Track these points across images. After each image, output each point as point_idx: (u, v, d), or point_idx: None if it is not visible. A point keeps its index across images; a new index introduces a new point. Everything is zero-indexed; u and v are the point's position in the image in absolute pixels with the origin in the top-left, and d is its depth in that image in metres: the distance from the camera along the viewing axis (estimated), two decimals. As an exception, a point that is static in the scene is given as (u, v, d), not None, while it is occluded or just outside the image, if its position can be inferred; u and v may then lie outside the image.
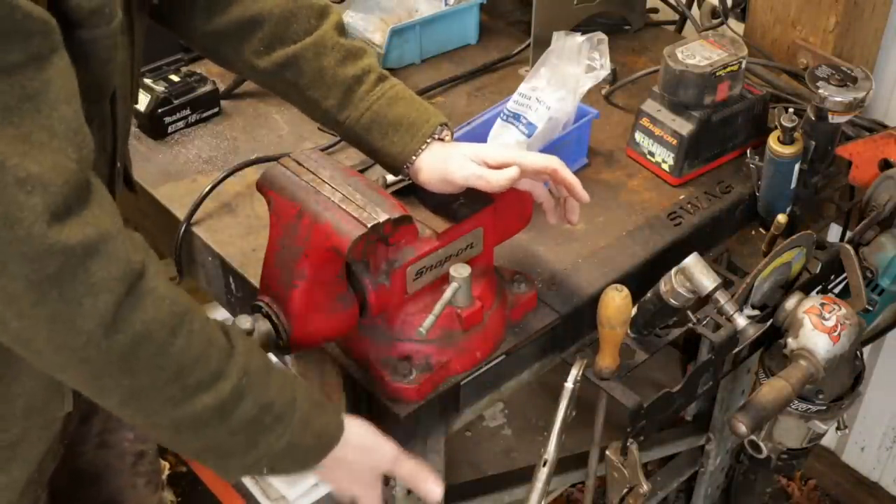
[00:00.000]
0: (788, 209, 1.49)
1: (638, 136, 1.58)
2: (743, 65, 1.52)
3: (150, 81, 1.62)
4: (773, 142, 1.44)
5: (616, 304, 1.18)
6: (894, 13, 1.76)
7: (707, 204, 1.52)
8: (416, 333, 1.14)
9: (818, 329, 1.30)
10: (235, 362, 0.94)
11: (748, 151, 1.54)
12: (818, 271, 1.41)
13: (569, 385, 1.24)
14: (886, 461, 2.31)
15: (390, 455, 1.10)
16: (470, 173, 1.15)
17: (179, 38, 1.27)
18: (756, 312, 1.36)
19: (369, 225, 1.05)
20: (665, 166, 1.55)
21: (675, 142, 1.51)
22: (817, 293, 1.44)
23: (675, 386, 1.29)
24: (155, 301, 0.87)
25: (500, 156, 1.17)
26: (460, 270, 1.14)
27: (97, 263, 0.83)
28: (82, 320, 0.83)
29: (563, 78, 1.48)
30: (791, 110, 1.45)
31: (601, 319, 1.20)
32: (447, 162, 1.17)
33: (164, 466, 2.26)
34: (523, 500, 1.27)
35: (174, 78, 1.64)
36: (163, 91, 1.60)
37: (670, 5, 2.05)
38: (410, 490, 1.25)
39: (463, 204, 1.20)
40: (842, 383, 1.42)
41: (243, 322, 1.08)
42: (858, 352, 1.46)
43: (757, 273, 1.32)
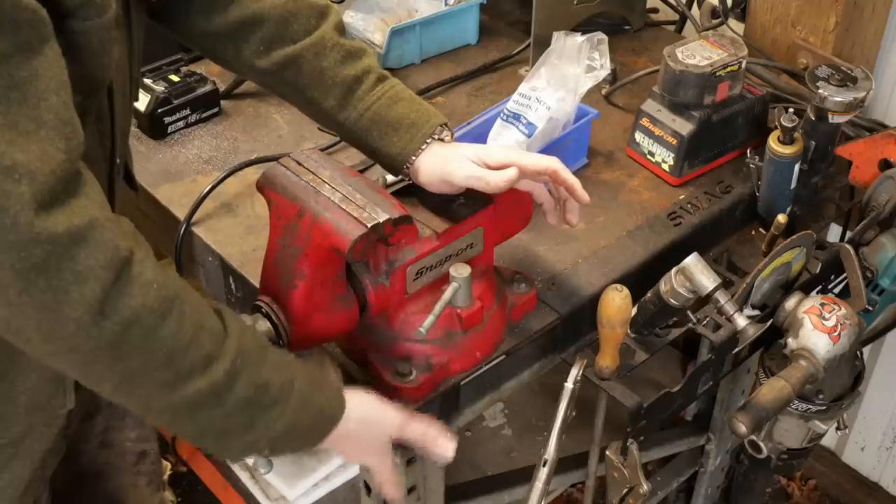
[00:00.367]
0: (788, 209, 1.49)
1: (638, 136, 1.58)
2: (743, 65, 1.52)
3: (150, 81, 1.62)
4: (773, 142, 1.44)
5: (616, 304, 1.18)
6: (894, 13, 1.76)
7: (707, 204, 1.52)
8: (416, 333, 1.14)
9: (818, 329, 1.29)
10: (229, 345, 0.94)
11: (748, 151, 1.54)
12: (818, 271, 1.41)
13: (569, 385, 1.24)
14: (886, 461, 2.31)
15: (397, 423, 1.10)
16: (469, 174, 1.15)
17: (178, 39, 1.26)
18: (756, 312, 1.36)
19: (369, 225, 1.05)
20: (665, 166, 1.55)
21: (675, 142, 1.51)
22: (817, 293, 1.43)
23: (675, 386, 1.29)
24: (143, 286, 0.87)
25: (500, 157, 1.17)
26: (460, 270, 1.14)
27: (84, 251, 0.83)
28: (70, 308, 0.83)
29: (563, 78, 1.48)
30: (791, 110, 1.45)
31: (601, 319, 1.20)
32: (447, 162, 1.17)
33: (166, 467, 2.26)
34: (523, 500, 1.27)
35: (174, 78, 1.64)
36: (163, 91, 1.61)
37: (670, 5, 2.05)
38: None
39: (463, 204, 1.20)
40: (842, 383, 1.42)
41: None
42: (858, 352, 1.46)
43: (757, 273, 1.32)
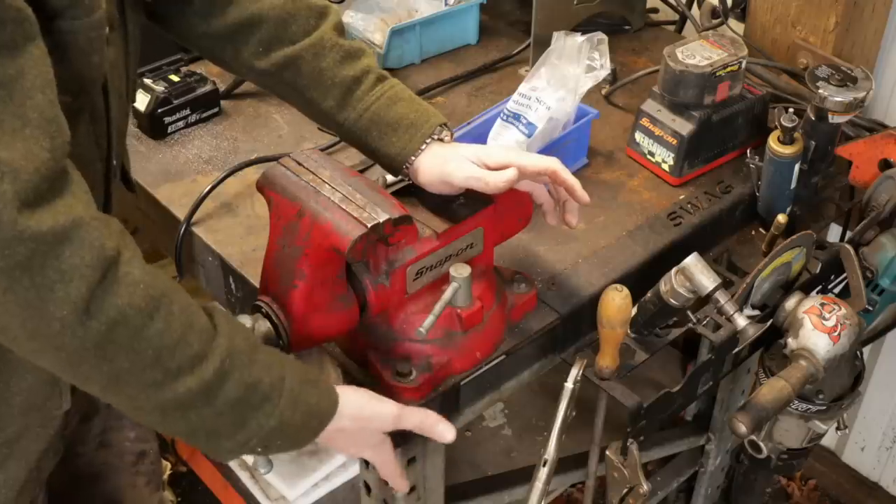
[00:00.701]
0: (788, 209, 1.49)
1: (638, 136, 1.58)
2: (743, 65, 1.52)
3: (150, 81, 1.62)
4: (773, 142, 1.44)
5: (616, 304, 1.18)
6: (894, 13, 1.76)
7: (707, 204, 1.52)
8: (416, 333, 1.14)
9: (818, 329, 1.29)
10: (218, 344, 0.94)
11: (748, 151, 1.54)
12: (818, 271, 1.41)
13: (569, 385, 1.24)
14: (886, 461, 2.31)
15: (391, 417, 1.10)
16: (469, 175, 1.15)
17: (177, 40, 1.26)
18: (756, 312, 1.36)
19: (369, 225, 1.04)
20: (665, 166, 1.55)
21: (675, 142, 1.51)
22: (817, 293, 1.43)
23: (675, 386, 1.29)
24: (130, 286, 0.87)
25: (500, 157, 1.17)
26: (460, 270, 1.13)
27: (69, 250, 0.83)
28: (55, 307, 0.83)
29: (563, 78, 1.48)
30: (791, 110, 1.45)
31: (601, 319, 1.20)
32: (446, 163, 1.17)
33: (165, 467, 2.26)
34: (523, 500, 1.27)
35: (174, 78, 1.64)
36: (163, 91, 1.60)
37: (670, 5, 2.05)
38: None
39: (463, 204, 1.20)
40: (842, 383, 1.42)
41: (243, 322, 1.08)
42: (858, 352, 1.46)
43: (757, 273, 1.32)
